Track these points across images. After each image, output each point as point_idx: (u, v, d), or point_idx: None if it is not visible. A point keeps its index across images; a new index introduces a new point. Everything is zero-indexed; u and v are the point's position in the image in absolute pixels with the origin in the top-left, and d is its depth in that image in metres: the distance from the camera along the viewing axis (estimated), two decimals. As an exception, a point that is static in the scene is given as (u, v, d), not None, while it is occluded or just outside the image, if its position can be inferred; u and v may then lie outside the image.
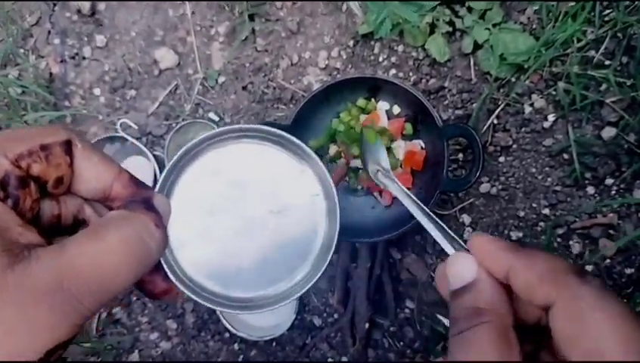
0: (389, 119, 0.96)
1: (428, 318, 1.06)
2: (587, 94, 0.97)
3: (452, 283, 0.31)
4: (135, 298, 1.17)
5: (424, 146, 0.95)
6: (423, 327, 1.06)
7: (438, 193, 0.84)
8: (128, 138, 1.04)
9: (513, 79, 1.01)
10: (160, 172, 1.02)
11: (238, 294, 0.44)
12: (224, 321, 1.08)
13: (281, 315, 1.09)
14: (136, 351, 1.17)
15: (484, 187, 1.04)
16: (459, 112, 1.05)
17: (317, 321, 1.12)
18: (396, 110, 0.96)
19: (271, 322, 1.11)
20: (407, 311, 1.08)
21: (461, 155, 1.05)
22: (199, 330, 1.16)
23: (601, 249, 1.00)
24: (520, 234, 1.03)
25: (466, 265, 0.31)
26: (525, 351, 0.29)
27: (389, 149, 0.93)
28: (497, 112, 1.02)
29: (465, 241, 0.34)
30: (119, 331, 1.18)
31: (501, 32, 0.98)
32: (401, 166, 0.95)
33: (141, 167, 1.13)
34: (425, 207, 0.42)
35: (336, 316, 1.11)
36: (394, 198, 0.95)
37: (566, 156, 1.01)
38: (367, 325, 1.04)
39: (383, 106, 0.96)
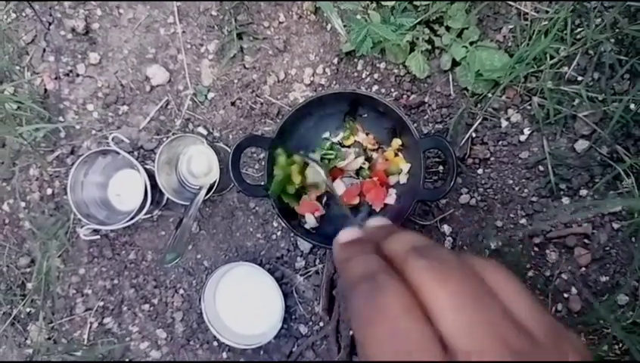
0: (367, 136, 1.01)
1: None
2: (560, 109, 1.01)
3: (341, 238, 0.39)
4: (125, 307, 1.20)
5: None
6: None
7: (416, 202, 0.88)
8: (120, 151, 1.07)
9: (490, 95, 1.05)
10: (151, 185, 1.05)
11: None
12: (212, 330, 1.10)
13: (267, 324, 1.12)
14: (127, 360, 1.20)
15: (464, 198, 1.08)
16: (439, 126, 1.09)
17: (303, 329, 1.14)
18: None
19: (258, 331, 1.13)
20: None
21: (441, 167, 1.09)
22: (188, 340, 1.18)
23: (576, 257, 1.03)
24: (499, 244, 1.06)
25: (352, 232, 0.39)
26: None
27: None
28: (475, 126, 1.06)
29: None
30: (109, 340, 1.20)
31: (478, 50, 1.02)
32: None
33: (132, 180, 1.17)
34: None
35: (321, 324, 1.14)
36: (386, 204, 0.99)
37: (541, 168, 1.05)
38: (351, 333, 1.07)
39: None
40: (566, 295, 1.04)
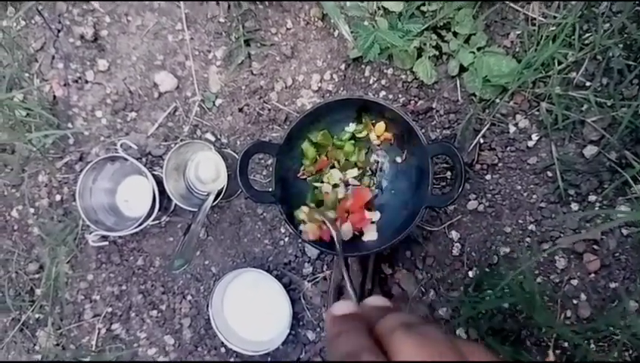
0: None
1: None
2: (569, 114, 1.01)
3: (335, 310, 0.39)
4: (133, 313, 1.20)
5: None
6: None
7: (424, 208, 0.88)
8: (129, 158, 1.07)
9: (497, 100, 1.05)
10: (159, 191, 1.06)
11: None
12: (220, 336, 1.10)
13: (275, 330, 1.12)
14: (134, 366, 1.20)
15: (471, 204, 1.07)
16: (447, 132, 1.08)
17: (311, 336, 1.14)
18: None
19: (265, 337, 1.13)
20: (398, 325, 1.10)
21: (449, 173, 1.09)
22: (196, 346, 1.18)
23: (585, 263, 1.03)
24: (507, 250, 1.06)
25: (348, 306, 0.39)
26: None
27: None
28: (483, 131, 1.06)
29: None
30: (117, 347, 1.21)
31: (485, 56, 1.02)
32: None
33: (141, 186, 1.17)
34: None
35: (329, 331, 1.13)
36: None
37: (550, 173, 1.04)
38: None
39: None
40: (575, 301, 1.03)
